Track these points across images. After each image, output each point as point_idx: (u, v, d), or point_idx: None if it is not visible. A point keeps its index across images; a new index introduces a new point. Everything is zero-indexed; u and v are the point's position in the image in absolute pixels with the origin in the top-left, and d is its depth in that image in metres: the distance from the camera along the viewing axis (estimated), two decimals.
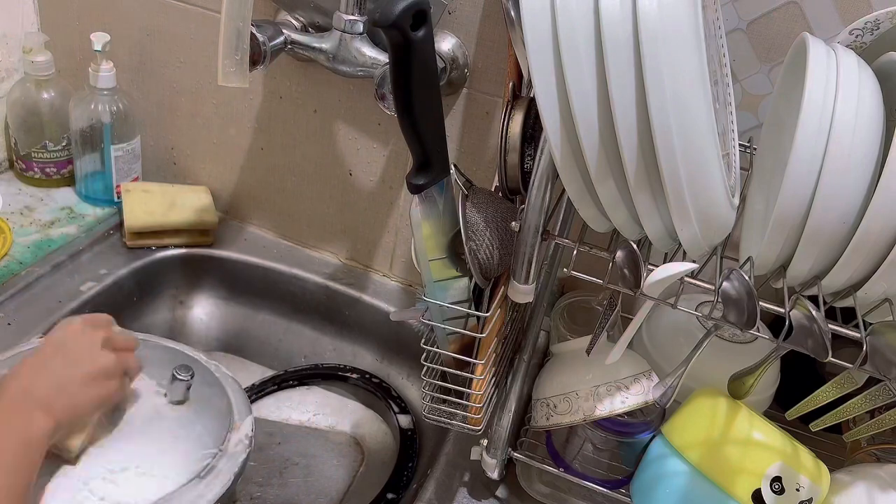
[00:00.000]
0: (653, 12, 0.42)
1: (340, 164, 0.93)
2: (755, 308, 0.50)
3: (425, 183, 0.57)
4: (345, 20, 0.75)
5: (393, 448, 0.88)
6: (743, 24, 0.70)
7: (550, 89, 0.45)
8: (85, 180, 0.98)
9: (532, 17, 0.45)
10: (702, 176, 0.45)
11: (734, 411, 0.62)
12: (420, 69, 0.51)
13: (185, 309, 0.98)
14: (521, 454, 0.72)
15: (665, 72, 0.42)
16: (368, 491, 0.82)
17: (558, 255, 0.66)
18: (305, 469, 0.88)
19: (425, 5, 0.49)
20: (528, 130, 0.60)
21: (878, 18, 0.58)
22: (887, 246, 0.47)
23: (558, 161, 0.48)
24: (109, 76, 0.91)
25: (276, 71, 0.89)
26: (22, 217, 0.95)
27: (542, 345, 0.89)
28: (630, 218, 0.50)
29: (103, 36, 0.89)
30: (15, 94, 0.95)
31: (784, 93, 0.60)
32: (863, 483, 0.62)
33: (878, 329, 0.50)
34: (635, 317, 0.59)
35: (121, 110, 0.93)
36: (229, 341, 0.99)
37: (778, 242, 0.50)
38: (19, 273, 0.86)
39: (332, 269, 0.99)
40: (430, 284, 0.61)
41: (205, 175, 1.02)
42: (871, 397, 0.57)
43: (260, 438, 0.91)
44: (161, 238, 0.95)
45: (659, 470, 0.64)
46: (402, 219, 0.94)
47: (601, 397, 0.64)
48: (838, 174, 0.47)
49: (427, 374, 0.64)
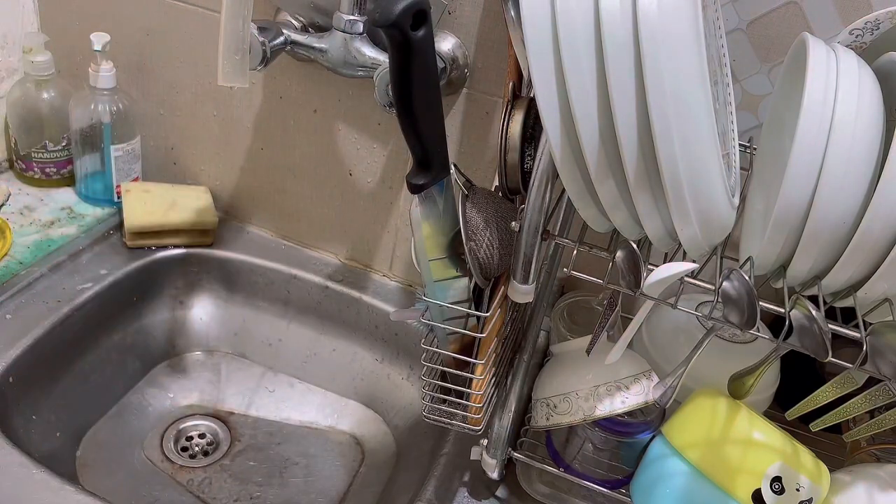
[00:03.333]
0: (653, 12, 0.42)
1: (340, 164, 0.93)
2: (755, 308, 0.50)
3: (425, 183, 0.57)
4: (345, 20, 0.75)
5: (393, 448, 0.88)
6: (743, 24, 0.70)
7: (550, 89, 0.45)
8: (85, 180, 0.98)
9: (532, 17, 0.45)
10: (702, 176, 0.45)
11: (734, 411, 0.62)
12: (420, 69, 0.51)
13: (185, 309, 0.98)
14: (521, 454, 0.72)
15: (665, 72, 0.42)
16: (368, 491, 0.82)
17: (558, 255, 0.66)
18: (305, 469, 0.88)
19: (425, 5, 0.49)
20: (528, 130, 0.60)
21: (878, 18, 0.58)
22: (887, 246, 0.47)
23: (558, 161, 0.48)
24: (109, 76, 0.91)
25: (276, 71, 0.89)
26: (22, 217, 0.95)
27: (542, 345, 0.89)
28: (630, 218, 0.50)
29: (103, 36, 0.89)
30: (15, 94, 0.95)
31: (784, 93, 0.60)
32: (863, 483, 0.62)
33: (878, 329, 0.50)
34: (635, 317, 0.59)
35: (121, 110, 0.93)
36: (229, 341, 0.99)
37: (778, 242, 0.50)
38: (19, 273, 0.86)
39: (332, 269, 0.99)
40: (430, 284, 0.61)
41: (205, 175, 1.02)
42: (871, 397, 0.57)
43: (260, 438, 0.91)
44: (161, 238, 0.95)
45: (659, 470, 0.64)
46: (402, 219, 0.94)
47: (601, 397, 0.64)
48: (838, 174, 0.47)
49: (427, 374, 0.64)
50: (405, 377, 0.94)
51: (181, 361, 0.97)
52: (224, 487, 0.84)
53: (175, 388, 0.94)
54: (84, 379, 0.86)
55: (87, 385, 0.86)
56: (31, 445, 0.75)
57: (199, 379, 0.96)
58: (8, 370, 0.76)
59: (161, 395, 0.93)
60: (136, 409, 0.90)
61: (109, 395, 0.89)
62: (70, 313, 0.84)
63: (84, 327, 0.86)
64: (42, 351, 0.80)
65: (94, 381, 0.87)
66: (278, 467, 0.87)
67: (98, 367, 0.88)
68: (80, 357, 0.86)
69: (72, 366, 0.85)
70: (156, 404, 0.92)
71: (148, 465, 0.85)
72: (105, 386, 0.89)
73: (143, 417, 0.90)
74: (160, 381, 0.94)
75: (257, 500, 0.84)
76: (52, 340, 0.81)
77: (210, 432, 0.91)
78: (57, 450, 0.80)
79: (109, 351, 0.90)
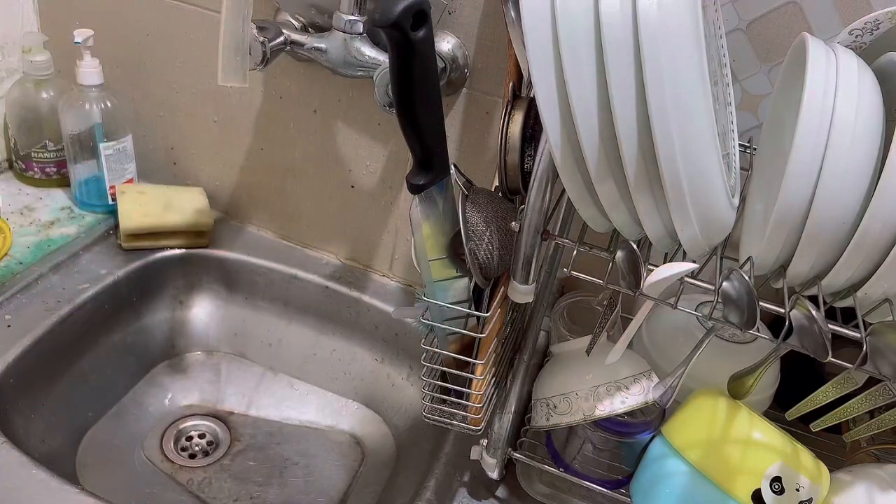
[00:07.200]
0: (653, 12, 0.42)
1: (340, 163, 0.93)
2: (755, 308, 0.50)
3: (425, 183, 0.57)
4: (345, 20, 0.75)
5: (393, 448, 0.88)
6: (743, 24, 0.70)
7: (550, 89, 0.45)
8: (79, 186, 0.97)
9: (532, 17, 0.45)
10: (702, 176, 0.45)
11: (734, 411, 0.62)
12: (420, 69, 0.51)
13: (185, 309, 0.98)
14: (521, 454, 0.72)
15: (665, 72, 0.42)
16: (368, 491, 0.82)
17: (558, 255, 0.66)
18: (305, 469, 0.88)
19: (425, 5, 0.49)
20: (528, 130, 0.60)
21: (878, 18, 0.58)
22: (887, 246, 0.47)
23: (558, 161, 0.48)
24: (95, 72, 0.90)
25: (276, 71, 0.89)
26: (22, 217, 0.95)
27: (542, 345, 0.89)
28: (630, 218, 0.50)
29: (85, 31, 0.88)
30: (14, 93, 0.95)
31: (784, 93, 0.60)
32: (863, 483, 0.62)
33: (878, 329, 0.50)
34: (635, 317, 0.59)
35: (109, 108, 0.92)
36: (229, 341, 0.99)
37: (778, 242, 0.50)
38: (19, 273, 0.86)
39: (332, 269, 0.99)
40: (430, 284, 0.61)
41: (205, 175, 1.02)
42: (871, 397, 0.57)
43: (260, 438, 0.91)
44: (157, 240, 0.94)
45: (659, 470, 0.64)
46: (402, 219, 0.94)
47: (601, 397, 0.64)
48: (838, 174, 0.47)
49: (427, 375, 0.64)
50: (405, 377, 0.94)
51: (181, 361, 0.97)
52: (224, 487, 0.84)
53: (175, 388, 0.94)
54: (84, 379, 0.86)
55: (87, 385, 0.86)
56: (31, 445, 0.75)
57: (199, 379, 0.96)
58: (8, 370, 0.76)
59: (161, 395, 0.93)
60: (135, 409, 0.90)
61: (109, 395, 0.89)
62: (70, 313, 0.84)
63: (84, 327, 0.86)
64: (42, 351, 0.80)
65: (94, 382, 0.87)
66: (278, 467, 0.87)
67: (98, 368, 0.88)
68: (80, 357, 0.86)
69: (71, 366, 0.85)
70: (156, 404, 0.92)
71: (148, 465, 0.85)
72: (105, 386, 0.89)
73: (142, 417, 0.90)
74: (160, 381, 0.94)
75: (257, 500, 0.84)
76: (51, 340, 0.81)
77: (210, 432, 0.91)
78: (57, 450, 0.80)
79: (109, 351, 0.90)
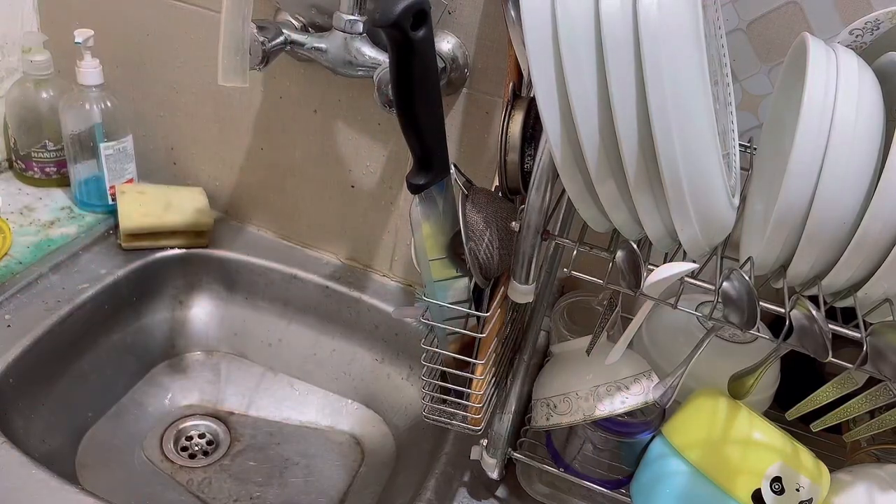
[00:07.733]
0: (653, 12, 0.42)
1: (340, 163, 0.93)
2: (755, 308, 0.50)
3: (425, 183, 0.57)
4: (345, 20, 0.75)
5: (393, 448, 0.88)
6: (743, 24, 0.70)
7: (550, 89, 0.45)
8: (79, 186, 0.97)
9: (532, 17, 0.45)
10: (702, 176, 0.45)
11: (734, 411, 0.62)
12: (420, 69, 0.51)
13: (185, 309, 0.98)
14: (521, 454, 0.72)
15: (665, 72, 0.42)
16: (368, 491, 0.82)
17: (558, 255, 0.66)
18: (305, 469, 0.88)
19: (425, 5, 0.49)
20: (528, 130, 0.60)
21: (878, 18, 0.58)
22: (887, 246, 0.47)
23: (558, 161, 0.48)
24: (95, 72, 0.90)
25: (276, 71, 0.89)
26: (22, 217, 0.95)
27: (542, 345, 0.89)
28: (630, 218, 0.50)
29: (86, 31, 0.88)
30: (14, 93, 0.95)
31: (784, 93, 0.60)
32: (863, 483, 0.62)
33: (878, 329, 0.50)
34: (635, 317, 0.59)
35: (109, 108, 0.92)
36: (229, 341, 0.99)
37: (778, 242, 0.50)
38: (19, 273, 0.86)
39: (332, 269, 0.99)
40: (430, 284, 0.61)
41: (205, 175, 1.02)
42: (871, 397, 0.57)
43: (260, 438, 0.91)
44: (156, 240, 0.94)
45: (659, 470, 0.64)
46: (402, 219, 0.94)
47: (601, 397, 0.64)
48: (838, 174, 0.47)
49: (427, 375, 0.64)
50: (405, 377, 0.94)
51: (181, 361, 0.97)
52: (224, 487, 0.84)
53: (175, 388, 0.94)
54: (83, 379, 0.86)
55: (87, 385, 0.86)
56: (30, 445, 0.75)
57: (199, 379, 0.96)
58: (8, 370, 0.76)
59: (161, 395, 0.93)
60: (135, 409, 0.90)
61: (109, 395, 0.89)
62: (70, 313, 0.84)
63: (84, 327, 0.86)
64: (42, 351, 0.80)
65: (94, 382, 0.87)
66: (278, 467, 0.87)
67: (97, 367, 0.88)
68: (80, 357, 0.86)
69: (71, 366, 0.85)
70: (155, 404, 0.92)
71: (147, 465, 0.85)
72: (105, 386, 0.89)
73: (142, 417, 0.90)
74: (160, 381, 0.94)
75: (257, 500, 0.84)
76: (51, 340, 0.81)
77: (210, 432, 0.91)
78: (57, 450, 0.80)
79: (109, 351, 0.90)
